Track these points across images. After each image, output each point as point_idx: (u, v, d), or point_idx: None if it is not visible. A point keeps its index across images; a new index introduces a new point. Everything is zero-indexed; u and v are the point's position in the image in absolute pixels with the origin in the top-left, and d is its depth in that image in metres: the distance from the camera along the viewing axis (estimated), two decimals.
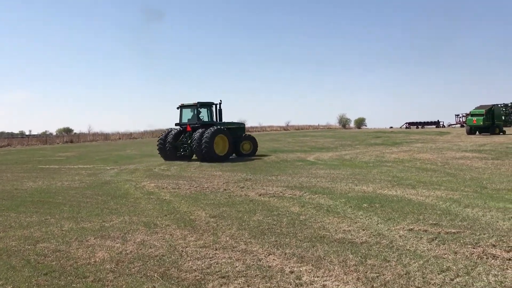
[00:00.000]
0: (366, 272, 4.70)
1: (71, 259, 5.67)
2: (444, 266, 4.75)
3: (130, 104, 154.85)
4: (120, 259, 5.61)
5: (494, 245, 5.42)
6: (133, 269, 5.19)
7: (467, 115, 54.40)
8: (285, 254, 5.50)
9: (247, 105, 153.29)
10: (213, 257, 5.54)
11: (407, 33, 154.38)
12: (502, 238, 5.71)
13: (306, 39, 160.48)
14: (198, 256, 5.61)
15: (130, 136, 78.33)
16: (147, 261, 5.47)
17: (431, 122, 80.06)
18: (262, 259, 5.36)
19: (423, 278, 4.45)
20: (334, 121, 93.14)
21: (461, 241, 5.69)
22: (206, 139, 20.45)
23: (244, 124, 25.48)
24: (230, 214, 8.08)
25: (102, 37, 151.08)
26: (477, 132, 43.17)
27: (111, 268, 5.27)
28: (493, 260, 4.88)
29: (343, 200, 9.01)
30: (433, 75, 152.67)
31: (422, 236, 6.02)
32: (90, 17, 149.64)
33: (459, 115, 74.75)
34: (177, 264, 5.32)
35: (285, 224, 7.10)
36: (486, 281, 4.28)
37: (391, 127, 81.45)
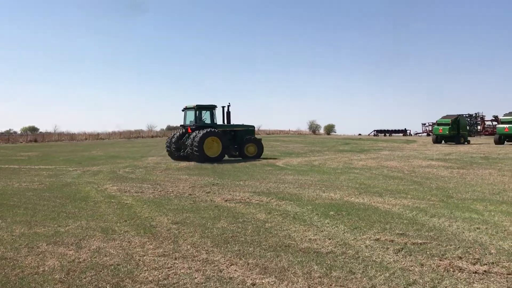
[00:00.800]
0: (330, 285, 4.51)
1: (18, 268, 5.28)
2: (411, 279, 4.61)
3: (98, 104, 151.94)
4: (71, 268, 5.26)
5: (460, 257, 5.32)
6: (84, 279, 4.85)
7: (433, 124, 55.60)
8: (248, 264, 5.27)
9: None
10: (171, 267, 5.26)
11: (376, 42, 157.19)
12: (468, 250, 5.63)
13: (277, 42, 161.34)
14: (155, 265, 5.31)
15: (97, 136, 76.74)
16: (101, 271, 5.14)
17: (398, 130, 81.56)
18: (224, 269, 5.11)
19: None
20: (304, 127, 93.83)
21: (427, 252, 5.58)
22: (195, 141, 21.23)
23: (253, 127, 25.40)
24: (194, 220, 7.79)
25: (72, 34, 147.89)
26: (443, 141, 44.07)
27: (61, 278, 4.91)
28: (459, 273, 4.77)
29: (310, 207, 8.85)
30: (401, 84, 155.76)
31: (389, 246, 5.89)
32: (55, 13, 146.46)
33: (425, 124, 76.39)
34: (133, 274, 5.01)
35: (250, 232, 6.86)
36: None
37: (360, 134, 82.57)
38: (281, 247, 5.98)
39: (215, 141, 21.96)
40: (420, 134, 76.97)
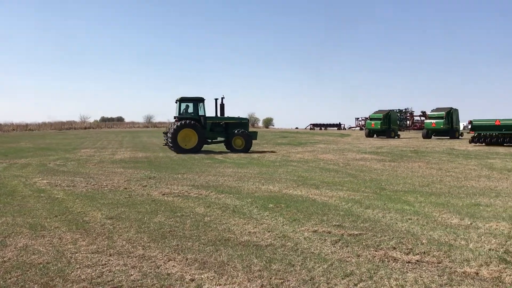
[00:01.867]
0: (270, 278, 4.49)
1: None
2: (348, 270, 4.69)
3: (27, 94, 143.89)
4: None
5: (394, 248, 5.50)
6: (9, 280, 4.51)
7: (366, 119, 57.66)
8: (187, 259, 5.14)
9: (157, 100, 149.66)
10: (106, 264, 5.02)
11: (312, 38, 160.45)
12: (402, 240, 5.84)
13: (217, 36, 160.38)
14: (88, 263, 5.05)
15: (25, 127, 72.79)
16: (28, 270, 4.80)
17: (333, 124, 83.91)
18: (161, 265, 4.95)
19: (328, 283, 4.34)
20: None
21: (363, 243, 5.72)
22: (170, 133, 21.94)
23: (247, 120, 24.92)
24: (129, 215, 7.52)
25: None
26: (375, 135, 45.84)
27: None
28: (394, 263, 4.92)
29: (250, 200, 8.84)
30: (336, 80, 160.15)
31: (326, 238, 5.98)
32: None
33: (359, 118, 79.05)
34: (63, 273, 4.72)
35: (189, 226, 6.72)
36: (388, 285, 4.27)
37: (297, 128, 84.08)
38: (221, 241, 5.90)
39: (192, 133, 22.07)
40: (353, 128, 79.62)
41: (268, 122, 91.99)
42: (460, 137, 42.08)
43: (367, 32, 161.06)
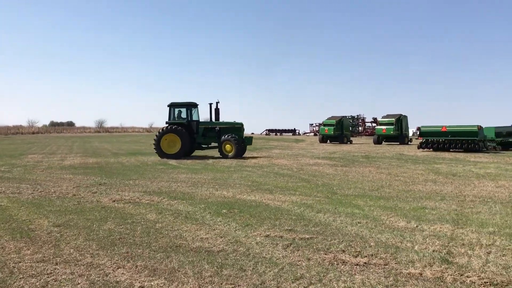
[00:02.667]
0: (221, 284, 4.48)
1: None
2: (298, 274, 4.75)
3: None
4: None
5: (343, 251, 5.62)
6: None
7: (320, 125, 58.69)
8: (137, 266, 5.04)
9: (106, 104, 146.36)
10: (51, 273, 4.85)
11: (264, 42, 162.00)
12: (351, 243, 5.97)
13: (166, 38, 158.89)
14: (33, 272, 4.86)
15: None
16: None
17: (289, 130, 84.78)
18: (110, 273, 4.83)
19: (278, 287, 4.38)
20: None
21: (314, 247, 5.81)
22: (154, 138, 22.41)
23: (240, 124, 23.50)
24: (78, 222, 7.30)
25: None
26: (328, 140, 46.70)
27: None
28: (343, 266, 5.03)
29: (203, 206, 8.78)
30: (290, 86, 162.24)
31: (278, 242, 6.03)
32: None
33: (313, 124, 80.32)
34: (5, 283, 4.52)
35: (139, 233, 6.60)
36: (336, 287, 4.36)
37: (252, 133, 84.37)
38: (172, 247, 5.83)
39: (176, 138, 22.02)
40: (308, 134, 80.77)
41: None
42: (409, 143, 43.56)
43: (320, 39, 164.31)
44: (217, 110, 23.32)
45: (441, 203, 9.05)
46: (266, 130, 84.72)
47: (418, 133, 31.57)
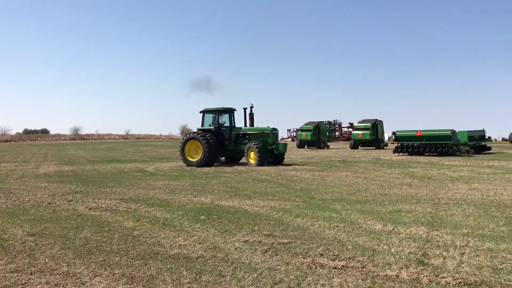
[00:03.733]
0: None
1: None
2: (277, 278, 4.77)
3: None
4: None
5: (321, 254, 5.66)
6: None
7: (297, 130, 59.04)
8: (114, 274, 4.99)
9: (82, 111, 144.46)
10: (26, 283, 4.75)
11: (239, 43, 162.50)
12: (329, 247, 6.02)
13: (151, 44, 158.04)
14: (6, 283, 4.75)
15: None
16: None
17: None
18: (87, 282, 4.77)
19: None
20: (176, 131, 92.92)
21: (292, 251, 5.84)
22: (179, 145, 21.86)
23: (269, 130, 21.42)
24: (53, 231, 7.17)
25: None
26: (306, 146, 47.02)
27: None
28: (321, 270, 5.07)
29: (181, 212, 8.74)
30: (268, 91, 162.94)
31: (257, 247, 6.04)
32: None
33: (290, 130, 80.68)
34: None
35: (116, 240, 6.52)
36: None
37: None
38: (150, 254, 5.78)
39: (199, 145, 21.01)
40: (285, 139, 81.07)
41: None
42: (385, 147, 44.16)
43: (295, 44, 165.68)
44: (251, 115, 22.27)
45: (416, 206, 9.21)
46: None
47: (393, 137, 32.04)
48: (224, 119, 22.27)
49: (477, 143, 32.34)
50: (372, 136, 42.37)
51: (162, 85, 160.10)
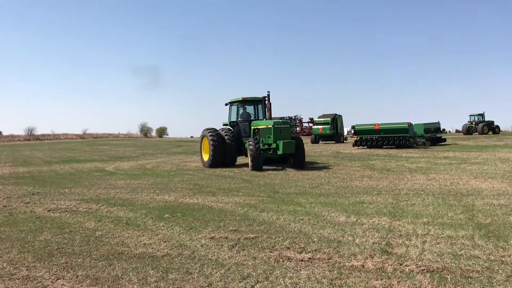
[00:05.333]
0: None
1: None
2: (245, 273, 4.76)
3: None
4: None
5: (288, 248, 5.70)
6: None
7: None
8: (77, 276, 4.84)
9: (36, 110, 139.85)
10: None
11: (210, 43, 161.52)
12: (295, 240, 6.07)
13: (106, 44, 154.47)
14: None
15: None
16: None
17: None
18: (48, 285, 4.61)
19: (225, 287, 4.36)
20: (135, 130, 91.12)
21: (259, 245, 5.85)
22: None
23: (272, 125, 16.88)
24: (10, 235, 6.90)
25: None
26: (321, 140, 46.60)
27: None
28: (288, 262, 5.10)
29: (144, 211, 8.59)
30: (229, 87, 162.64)
31: (223, 243, 6.01)
32: None
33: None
34: None
35: (78, 242, 6.34)
36: (283, 284, 4.41)
37: (192, 136, 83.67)
38: (114, 255, 5.65)
39: (207, 142, 18.62)
40: None
41: (162, 131, 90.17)
42: (344, 141, 44.89)
43: (257, 39, 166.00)
44: (268, 104, 18.86)
45: (378, 197, 9.42)
46: None
47: (352, 131, 32.63)
48: (249, 111, 19.11)
49: (432, 135, 33.39)
50: (332, 130, 42.94)
51: (119, 83, 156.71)
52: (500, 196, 9.12)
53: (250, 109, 19.25)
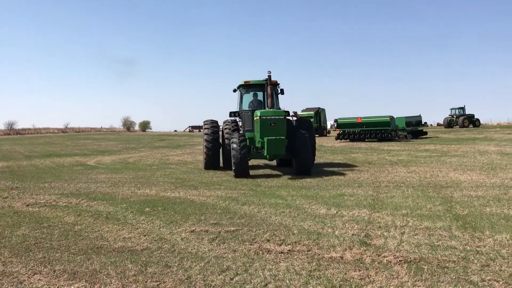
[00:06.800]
0: (146, 282, 4.37)
1: None
2: (224, 266, 4.76)
3: None
4: None
5: (268, 240, 5.72)
6: None
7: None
8: (54, 271, 4.78)
9: (16, 104, 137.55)
10: None
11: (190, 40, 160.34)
12: (275, 232, 6.09)
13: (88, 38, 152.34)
14: None
15: None
16: None
17: None
18: (25, 280, 4.54)
19: (204, 280, 4.35)
20: (118, 124, 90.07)
21: (239, 238, 5.85)
22: None
23: (259, 116, 12.96)
24: None
25: None
26: None
27: None
28: (268, 255, 5.11)
29: (125, 205, 8.52)
30: (213, 83, 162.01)
31: (204, 236, 6.00)
32: None
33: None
34: None
35: (57, 236, 6.26)
36: (262, 276, 4.42)
37: (175, 130, 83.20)
38: (93, 249, 5.59)
39: None
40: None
41: (145, 125, 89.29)
42: (327, 134, 45.19)
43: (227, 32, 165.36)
44: (270, 88, 13.89)
45: (358, 190, 9.50)
46: (190, 126, 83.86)
47: (335, 125, 32.83)
48: (260, 97, 15.09)
49: (414, 128, 33.82)
50: (315, 124, 43.12)
51: (102, 77, 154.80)
52: (478, 188, 9.28)
53: (260, 96, 15.09)
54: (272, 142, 12.31)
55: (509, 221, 6.37)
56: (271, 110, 13.18)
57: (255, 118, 13.33)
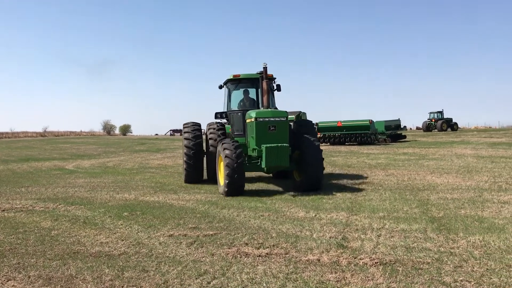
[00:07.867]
0: (122, 286, 4.34)
1: None
2: (202, 270, 4.76)
3: None
4: None
5: (246, 244, 5.73)
6: None
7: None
8: (29, 277, 4.71)
9: None
10: None
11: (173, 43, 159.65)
12: (253, 236, 6.11)
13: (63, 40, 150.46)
14: None
15: None
16: None
17: None
18: None
19: (181, 284, 4.35)
20: (98, 128, 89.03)
21: (218, 242, 5.86)
22: None
23: (254, 118, 10.22)
24: None
25: None
26: None
27: None
28: (246, 258, 5.13)
29: (103, 210, 8.44)
30: (197, 86, 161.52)
31: (182, 241, 5.99)
32: None
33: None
34: None
35: (32, 242, 6.17)
36: (239, 279, 4.44)
37: (157, 134, 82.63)
38: (69, 254, 5.53)
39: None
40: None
41: (125, 129, 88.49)
42: None
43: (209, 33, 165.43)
44: (266, 84, 10.82)
45: (337, 193, 9.59)
46: (171, 130, 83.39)
47: (316, 128, 33.00)
48: (252, 95, 12.57)
49: (393, 132, 34.23)
50: None
51: (79, 81, 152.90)
52: (453, 191, 9.46)
53: (252, 93, 12.61)
54: (272, 151, 9.73)
55: (482, 223, 6.51)
56: (269, 110, 10.53)
57: (247, 121, 10.79)
